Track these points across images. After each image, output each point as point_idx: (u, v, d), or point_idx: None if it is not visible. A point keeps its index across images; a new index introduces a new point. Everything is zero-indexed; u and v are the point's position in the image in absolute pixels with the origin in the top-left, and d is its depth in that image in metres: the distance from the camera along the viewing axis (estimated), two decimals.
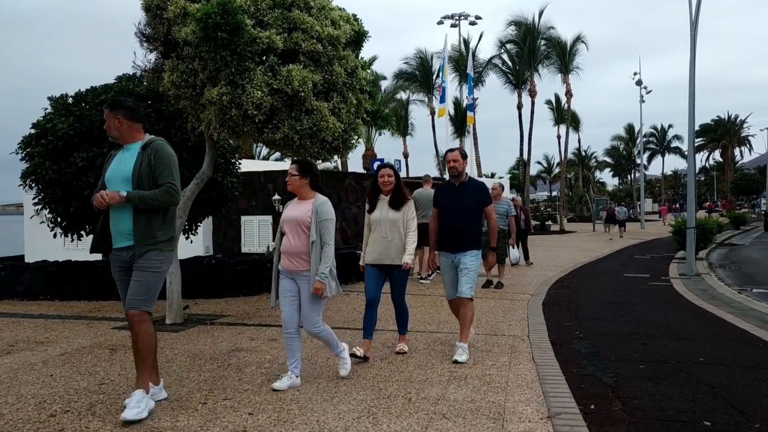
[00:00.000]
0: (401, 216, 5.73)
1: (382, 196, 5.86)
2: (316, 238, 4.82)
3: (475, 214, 5.91)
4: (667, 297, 10.14)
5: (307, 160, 5.25)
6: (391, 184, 5.79)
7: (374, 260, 5.81)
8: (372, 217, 5.88)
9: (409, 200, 5.84)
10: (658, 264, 16.96)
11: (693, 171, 13.96)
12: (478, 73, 38.35)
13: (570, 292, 10.54)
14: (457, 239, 5.85)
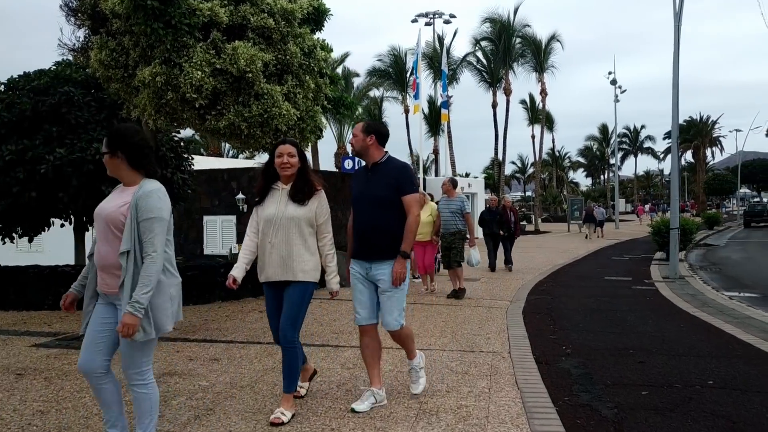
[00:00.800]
0: (306, 213, 4.10)
1: (279, 183, 4.18)
2: (131, 246, 3.13)
3: (389, 206, 4.25)
4: (655, 303, 9.42)
5: (122, 128, 3.36)
6: (292, 167, 4.09)
7: (268, 277, 4.14)
8: (263, 214, 4.16)
9: (318, 191, 4.19)
10: (638, 266, 16.34)
11: (677, 169, 13.33)
12: (453, 70, 37.56)
13: (551, 299, 9.76)
14: (367, 242, 4.31)
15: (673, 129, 13.35)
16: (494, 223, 14.09)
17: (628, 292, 10.69)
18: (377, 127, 4.40)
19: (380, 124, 4.55)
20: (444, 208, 10.00)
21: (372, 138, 4.30)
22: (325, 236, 4.25)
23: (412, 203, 4.28)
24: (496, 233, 14.11)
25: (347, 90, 35.50)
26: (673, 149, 13.33)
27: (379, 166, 4.34)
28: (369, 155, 4.34)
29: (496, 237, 14.19)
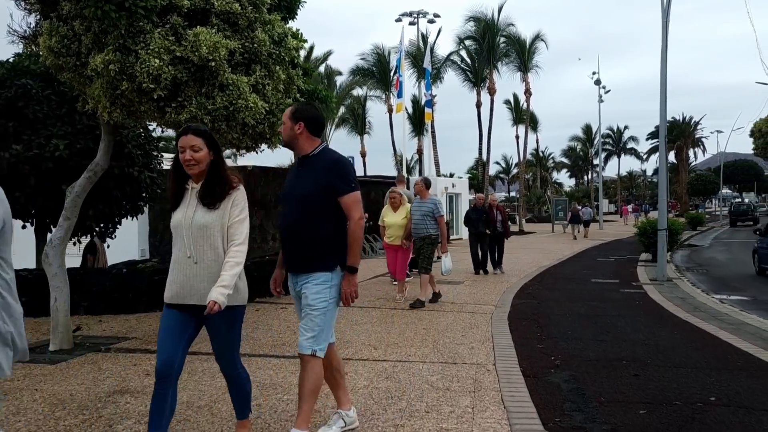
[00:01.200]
0: (218, 219, 3.28)
1: (191, 182, 3.37)
2: None
3: (318, 208, 3.50)
4: (645, 308, 9.05)
5: None
6: (198, 164, 3.26)
7: (172, 297, 3.32)
8: (172, 221, 3.40)
9: (234, 190, 3.37)
10: (624, 267, 16.03)
11: (664, 169, 13.02)
12: (437, 69, 37.23)
13: (538, 303, 9.36)
14: (290, 251, 3.62)
15: (660, 128, 13.04)
16: (480, 223, 13.48)
17: (616, 296, 10.32)
18: (307, 113, 3.66)
19: (312, 109, 3.75)
20: (415, 210, 9.13)
21: (301, 126, 3.60)
22: (234, 241, 3.28)
23: (350, 205, 3.52)
24: (481, 233, 13.43)
25: (329, 89, 35.02)
26: (660, 149, 13.01)
27: (309, 160, 3.62)
28: (298, 146, 3.63)
29: (481, 237, 13.52)
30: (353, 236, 3.53)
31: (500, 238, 13.83)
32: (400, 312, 8.37)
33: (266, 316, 8.05)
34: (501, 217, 13.91)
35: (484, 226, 13.45)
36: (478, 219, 13.56)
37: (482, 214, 13.60)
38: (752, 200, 75.06)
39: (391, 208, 9.59)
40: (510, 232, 14.69)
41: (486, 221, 13.45)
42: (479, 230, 13.47)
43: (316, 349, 3.50)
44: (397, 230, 9.36)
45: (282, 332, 7.05)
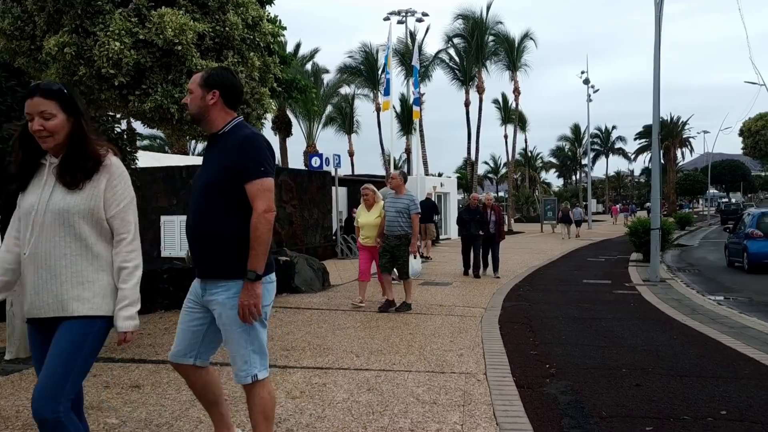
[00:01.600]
0: (83, 203, 2.52)
1: (49, 156, 2.59)
2: None
3: (221, 198, 2.85)
4: (641, 310, 8.69)
5: None
6: (51, 135, 2.51)
7: (29, 310, 2.58)
8: (22, 206, 2.59)
9: (104, 166, 2.57)
10: (615, 268, 15.73)
11: (658, 167, 12.70)
12: (425, 67, 36.85)
13: (529, 305, 8.98)
14: (194, 252, 3.00)
15: (654, 126, 12.72)
16: (472, 224, 12.72)
17: (609, 297, 9.97)
18: (224, 79, 2.91)
19: (228, 74, 2.96)
20: (390, 206, 8.27)
21: (215, 95, 2.87)
22: (122, 238, 2.59)
23: (255, 194, 2.80)
24: (474, 234, 12.67)
25: (317, 86, 34.55)
26: (654, 147, 12.70)
27: (219, 139, 2.92)
28: (209, 121, 2.90)
29: (473, 239, 12.73)
30: (255, 233, 2.78)
31: (494, 239, 12.95)
32: (386, 316, 7.95)
33: None
34: (495, 217, 13.04)
35: (476, 228, 12.71)
36: (471, 220, 12.81)
37: (476, 215, 12.84)
38: (739, 200, 75.47)
39: (365, 207, 8.80)
40: (504, 234, 13.62)
41: (480, 222, 12.73)
42: (471, 232, 12.74)
43: (257, 374, 2.93)
44: (371, 230, 8.60)
45: None
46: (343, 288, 10.54)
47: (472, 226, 12.76)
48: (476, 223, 12.70)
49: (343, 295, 9.68)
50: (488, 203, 13.24)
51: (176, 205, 17.56)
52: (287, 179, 18.59)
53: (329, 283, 10.68)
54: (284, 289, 9.58)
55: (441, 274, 13.21)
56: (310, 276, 9.94)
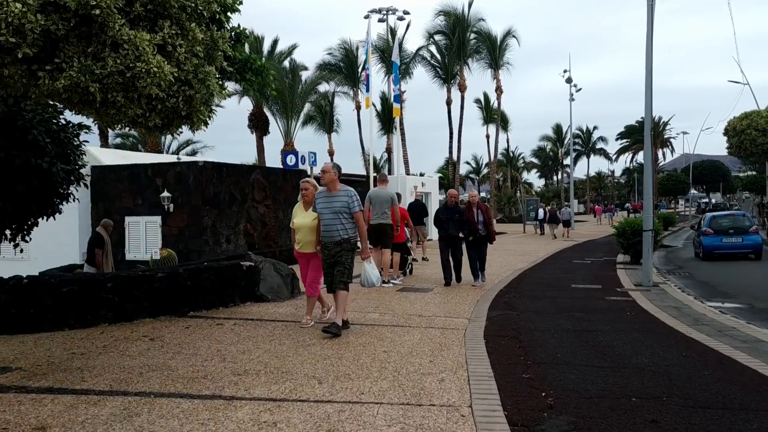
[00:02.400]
0: None
1: None
2: None
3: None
4: (639, 320, 7.93)
5: None
6: None
7: None
8: None
9: None
10: (603, 270, 15.03)
11: (650, 165, 11.97)
12: (405, 64, 36.06)
13: (517, 315, 8.17)
14: None
15: (646, 121, 11.98)
16: (451, 224, 11.08)
17: (603, 305, 9.21)
18: None
19: None
20: (324, 207, 6.84)
21: None
22: None
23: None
24: (453, 236, 11.07)
25: (294, 84, 33.58)
26: (646, 143, 11.96)
27: None
28: None
29: (453, 241, 11.12)
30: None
31: (483, 242, 11.32)
32: (359, 329, 7.08)
33: (195, 336, 6.69)
34: (483, 217, 11.19)
35: (455, 228, 11.08)
36: (449, 219, 11.14)
37: (454, 213, 11.19)
38: (718, 200, 75.73)
39: (303, 205, 7.33)
40: (495, 234, 11.84)
41: (459, 222, 11.09)
42: (449, 233, 11.10)
43: None
44: (309, 234, 7.15)
45: (209, 358, 5.71)
46: None
47: (450, 227, 11.11)
48: (455, 223, 11.07)
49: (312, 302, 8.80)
50: (473, 201, 11.45)
51: (141, 206, 16.56)
52: (260, 178, 17.65)
53: (299, 290, 9.78)
54: (248, 297, 8.68)
55: (421, 279, 12.38)
56: (278, 283, 9.05)
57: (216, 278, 8.19)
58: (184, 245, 15.87)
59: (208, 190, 15.79)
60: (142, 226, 16.48)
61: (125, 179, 16.70)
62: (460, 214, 11.13)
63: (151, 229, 16.39)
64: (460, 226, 11.08)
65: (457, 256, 11.23)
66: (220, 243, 16.15)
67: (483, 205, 11.53)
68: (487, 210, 11.48)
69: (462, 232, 11.10)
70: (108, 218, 16.86)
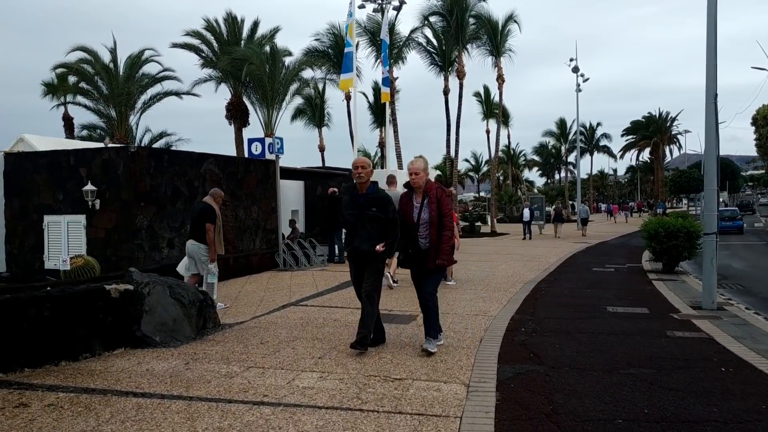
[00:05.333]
0: None
1: None
2: None
3: None
4: (749, 384, 4.78)
5: None
6: None
7: None
8: None
9: None
10: (636, 283, 11.92)
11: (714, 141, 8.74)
12: (398, 48, 32.90)
13: (546, 376, 5.01)
14: None
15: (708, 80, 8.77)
16: (361, 227, 5.81)
17: (673, 349, 6.05)
18: None
19: None
20: None
21: None
22: None
23: None
24: (362, 251, 5.78)
25: (275, 70, 30.36)
26: (708, 113, 8.75)
27: None
28: None
29: (362, 260, 5.85)
30: None
31: (429, 267, 5.74)
32: (267, 413, 3.95)
33: None
34: (432, 212, 5.75)
35: (368, 237, 5.76)
36: (357, 217, 5.86)
37: (368, 206, 5.81)
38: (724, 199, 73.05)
39: None
40: (451, 251, 5.89)
41: (378, 224, 5.79)
42: (354, 245, 5.88)
43: None
44: None
45: None
46: (243, 330, 6.51)
47: (359, 233, 5.83)
48: (369, 226, 5.78)
49: (228, 349, 5.66)
50: (416, 181, 5.84)
51: (63, 202, 13.40)
52: (213, 168, 14.47)
53: (217, 323, 6.64)
54: (120, 340, 5.54)
55: (402, 299, 9.25)
56: (174, 316, 5.90)
57: (56, 313, 5.06)
58: (113, 251, 12.70)
59: (143, 182, 12.64)
60: (64, 226, 13.33)
61: (44, 169, 13.55)
62: (380, 207, 5.80)
63: (74, 230, 13.22)
64: (380, 230, 5.79)
65: (368, 286, 5.89)
66: (159, 248, 12.99)
67: (436, 189, 5.88)
68: (442, 198, 5.83)
69: (387, 243, 5.76)
70: (24, 216, 13.73)
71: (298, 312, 7.51)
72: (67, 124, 35.64)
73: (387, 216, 5.80)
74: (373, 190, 5.94)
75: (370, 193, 5.90)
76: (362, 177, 5.91)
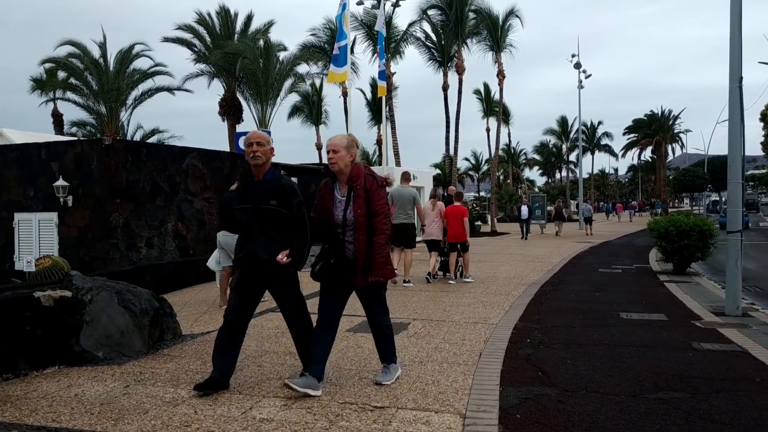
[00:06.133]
0: None
1: None
2: None
3: None
4: None
5: None
6: None
7: None
8: None
9: None
10: (647, 286, 11.08)
11: (739, 130, 7.88)
12: (395, 42, 32.03)
13: (559, 401, 4.16)
14: None
15: (732, 58, 7.90)
16: (256, 226, 4.31)
17: (704, 366, 5.19)
18: None
19: None
20: None
21: None
22: None
23: None
24: (260, 261, 4.28)
25: (268, 64, 29.49)
26: (731, 103, 7.88)
27: None
28: None
29: (260, 273, 4.33)
30: None
31: (355, 281, 4.32)
32: None
33: None
34: (360, 210, 4.26)
35: (267, 241, 4.30)
36: (245, 212, 4.33)
37: (265, 197, 4.30)
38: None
39: None
40: (384, 265, 4.27)
41: (270, 221, 4.32)
42: (249, 251, 4.33)
43: None
44: None
45: None
46: (206, 342, 5.64)
47: (252, 234, 4.34)
48: (263, 230, 4.31)
49: (182, 367, 4.80)
50: (335, 164, 4.33)
51: (34, 198, 12.56)
52: (196, 163, 13.63)
53: (177, 333, 5.78)
54: (54, 357, 4.69)
55: (393, 303, 8.40)
56: (122, 327, 5.05)
57: None
58: (86, 251, 11.86)
59: (118, 177, 11.80)
60: (35, 224, 12.49)
61: (14, 164, 12.71)
62: (282, 200, 4.33)
63: (46, 228, 12.39)
64: (282, 232, 4.35)
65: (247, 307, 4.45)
66: (137, 248, 12.14)
67: (364, 177, 4.35)
68: (373, 191, 4.32)
69: (292, 251, 4.27)
70: None
71: (275, 319, 6.66)
72: (56, 120, 34.78)
73: (291, 212, 4.28)
74: (273, 176, 4.36)
75: (268, 181, 4.32)
76: (258, 158, 4.27)
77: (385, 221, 4.31)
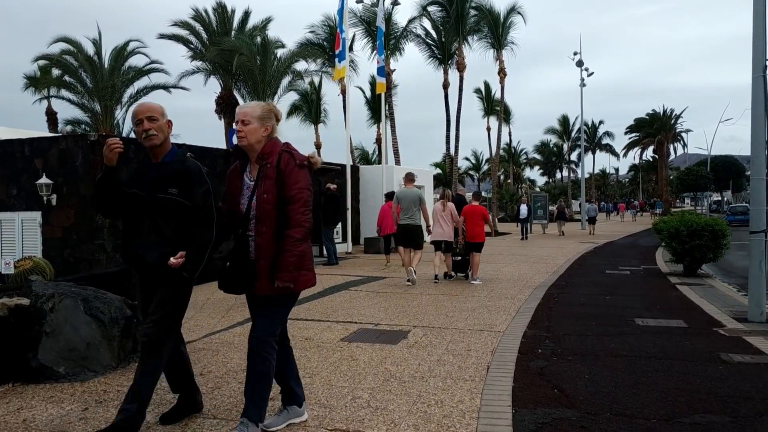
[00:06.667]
0: None
1: None
2: None
3: None
4: None
5: None
6: None
7: None
8: None
9: None
10: (659, 289, 10.55)
11: (764, 123, 7.34)
12: (395, 38, 31.50)
13: (578, 419, 3.63)
14: None
15: (755, 56, 7.36)
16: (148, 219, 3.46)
17: (732, 378, 4.67)
18: None
19: None
20: None
21: None
22: None
23: None
24: (148, 265, 3.44)
25: (266, 62, 28.94)
26: (754, 94, 7.34)
27: None
28: None
29: (152, 275, 3.45)
30: None
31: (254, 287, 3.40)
32: None
33: None
34: (268, 195, 3.34)
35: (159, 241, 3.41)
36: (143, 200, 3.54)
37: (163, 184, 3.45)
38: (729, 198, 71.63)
39: None
40: (295, 267, 3.28)
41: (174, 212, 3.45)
42: (133, 252, 3.50)
43: None
44: None
45: None
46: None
47: (144, 235, 3.47)
48: (155, 224, 3.43)
49: None
50: (241, 133, 3.39)
51: (17, 197, 12.01)
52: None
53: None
54: (9, 374, 4.16)
55: (392, 308, 7.86)
56: (88, 338, 4.51)
57: None
58: (71, 252, 11.31)
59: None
60: (18, 224, 11.95)
61: None
62: (183, 187, 3.44)
63: (29, 228, 11.84)
64: (180, 228, 3.44)
65: None
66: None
67: (280, 154, 3.39)
68: (288, 171, 3.35)
69: (190, 252, 3.39)
70: None
71: None
72: (50, 119, 34.23)
73: (194, 201, 3.37)
74: (175, 158, 3.47)
75: (168, 163, 3.44)
76: (153, 136, 3.40)
77: (304, 211, 3.27)
